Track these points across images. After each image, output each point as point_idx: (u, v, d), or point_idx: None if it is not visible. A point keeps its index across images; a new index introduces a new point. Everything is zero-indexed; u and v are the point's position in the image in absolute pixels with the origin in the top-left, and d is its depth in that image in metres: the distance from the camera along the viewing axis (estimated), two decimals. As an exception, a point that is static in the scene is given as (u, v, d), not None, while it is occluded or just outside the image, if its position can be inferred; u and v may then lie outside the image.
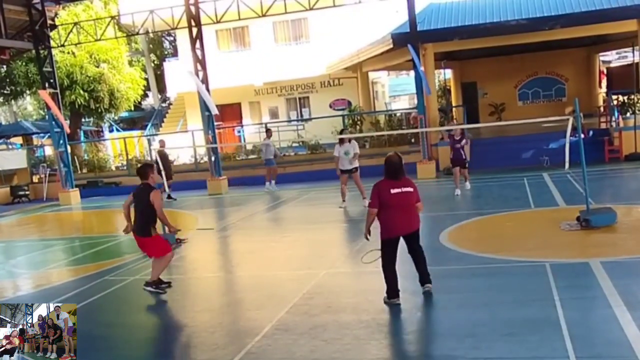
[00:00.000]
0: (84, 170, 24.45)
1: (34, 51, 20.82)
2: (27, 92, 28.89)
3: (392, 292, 6.35)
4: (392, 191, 6.26)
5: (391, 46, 18.81)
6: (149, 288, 7.64)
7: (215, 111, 13.62)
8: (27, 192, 23.17)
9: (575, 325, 5.30)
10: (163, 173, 13.57)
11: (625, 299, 5.79)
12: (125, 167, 23.95)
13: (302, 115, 29.44)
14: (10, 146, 29.91)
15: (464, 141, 13.85)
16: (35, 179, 24.65)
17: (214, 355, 5.63)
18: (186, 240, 11.07)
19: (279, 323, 6.20)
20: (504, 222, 10.45)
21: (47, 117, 21.81)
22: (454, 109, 23.20)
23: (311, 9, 18.71)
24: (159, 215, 7.39)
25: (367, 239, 6.67)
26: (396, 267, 6.39)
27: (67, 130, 19.46)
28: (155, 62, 37.74)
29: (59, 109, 20.80)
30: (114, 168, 24.75)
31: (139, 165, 8.33)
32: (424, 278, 6.57)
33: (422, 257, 6.57)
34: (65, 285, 8.93)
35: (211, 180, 19.32)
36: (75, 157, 24.52)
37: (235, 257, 10.69)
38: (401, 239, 6.44)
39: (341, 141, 13.21)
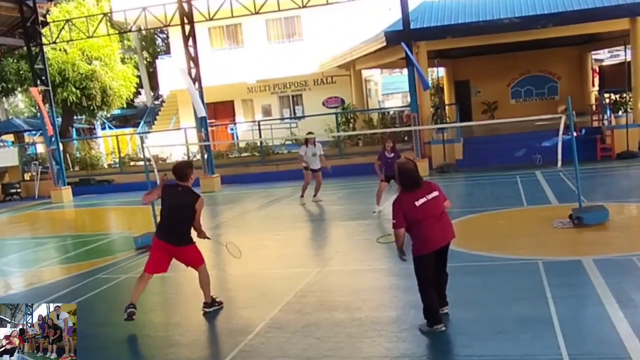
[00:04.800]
0: (76, 168, 24.32)
1: (25, 48, 20.70)
2: (19, 89, 28.71)
3: (435, 317, 5.51)
4: (417, 203, 5.42)
5: (384, 44, 18.80)
6: (209, 309, 6.75)
7: (202, 113, 13.23)
8: (18, 190, 23.06)
9: (568, 323, 5.32)
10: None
11: (617, 297, 5.82)
12: (117, 165, 23.87)
13: (295, 113, 29.41)
14: (1, 144, 29.75)
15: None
16: (27, 176, 24.50)
17: (206, 354, 5.62)
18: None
19: (272, 321, 6.19)
20: (497, 220, 10.48)
21: (38, 114, 21.70)
22: (446, 107, 23.24)
23: (304, 6, 18.71)
24: (197, 224, 6.78)
25: (404, 259, 5.65)
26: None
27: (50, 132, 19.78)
28: (148, 60, 37.58)
29: (51, 106, 20.72)
30: (106, 166, 24.63)
31: (177, 163, 7.29)
32: (442, 300, 5.81)
33: (446, 276, 5.85)
34: (57, 284, 8.91)
35: (204, 178, 19.26)
36: (67, 155, 24.38)
37: (227, 255, 10.64)
38: None
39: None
